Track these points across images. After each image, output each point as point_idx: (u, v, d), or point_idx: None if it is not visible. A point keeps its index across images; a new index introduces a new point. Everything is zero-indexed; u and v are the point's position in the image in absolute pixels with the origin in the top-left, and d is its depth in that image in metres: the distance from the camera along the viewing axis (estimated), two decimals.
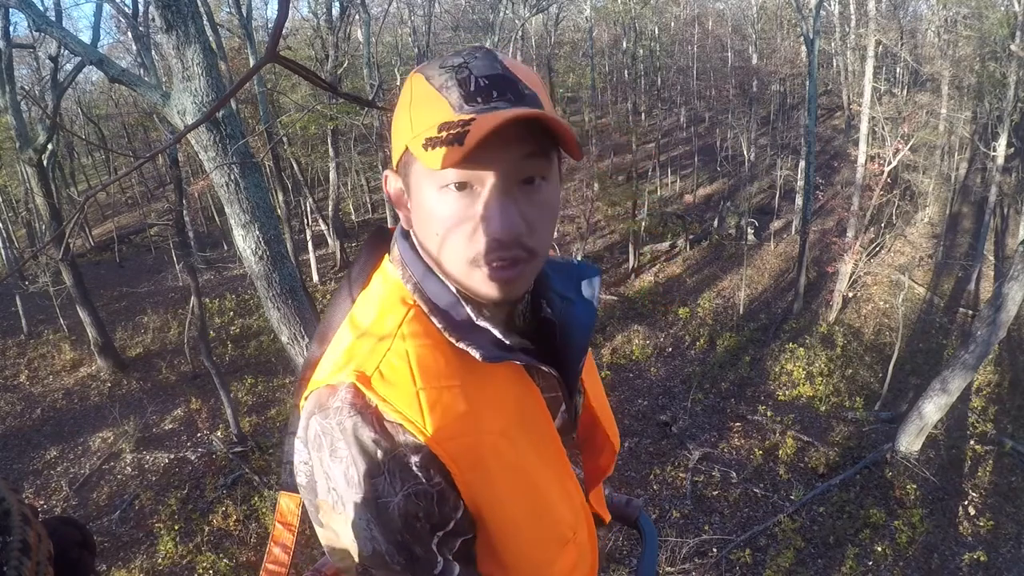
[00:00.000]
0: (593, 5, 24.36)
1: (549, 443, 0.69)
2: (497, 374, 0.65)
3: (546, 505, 0.66)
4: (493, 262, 0.60)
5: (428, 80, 0.60)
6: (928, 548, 7.82)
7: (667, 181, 23.19)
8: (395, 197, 0.68)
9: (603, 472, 0.85)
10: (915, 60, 20.05)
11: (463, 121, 0.55)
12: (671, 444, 9.98)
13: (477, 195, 0.59)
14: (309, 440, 0.61)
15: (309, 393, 0.63)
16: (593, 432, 0.83)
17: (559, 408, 0.73)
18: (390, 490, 0.57)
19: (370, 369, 0.60)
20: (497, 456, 0.62)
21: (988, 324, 7.64)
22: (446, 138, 0.55)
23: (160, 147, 0.70)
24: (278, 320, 3.67)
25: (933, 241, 17.59)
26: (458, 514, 0.61)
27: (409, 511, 0.58)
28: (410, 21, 20.02)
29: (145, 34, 8.97)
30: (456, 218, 0.59)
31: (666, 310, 14.56)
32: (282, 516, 0.79)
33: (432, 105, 0.59)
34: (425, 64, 0.63)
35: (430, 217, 0.61)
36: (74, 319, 12.78)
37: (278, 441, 9.92)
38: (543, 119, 0.56)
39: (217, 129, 3.29)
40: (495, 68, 0.60)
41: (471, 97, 0.58)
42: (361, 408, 0.58)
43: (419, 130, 0.59)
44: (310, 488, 0.63)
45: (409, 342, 0.62)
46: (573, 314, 0.74)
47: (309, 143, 18.74)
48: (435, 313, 0.65)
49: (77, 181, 26.33)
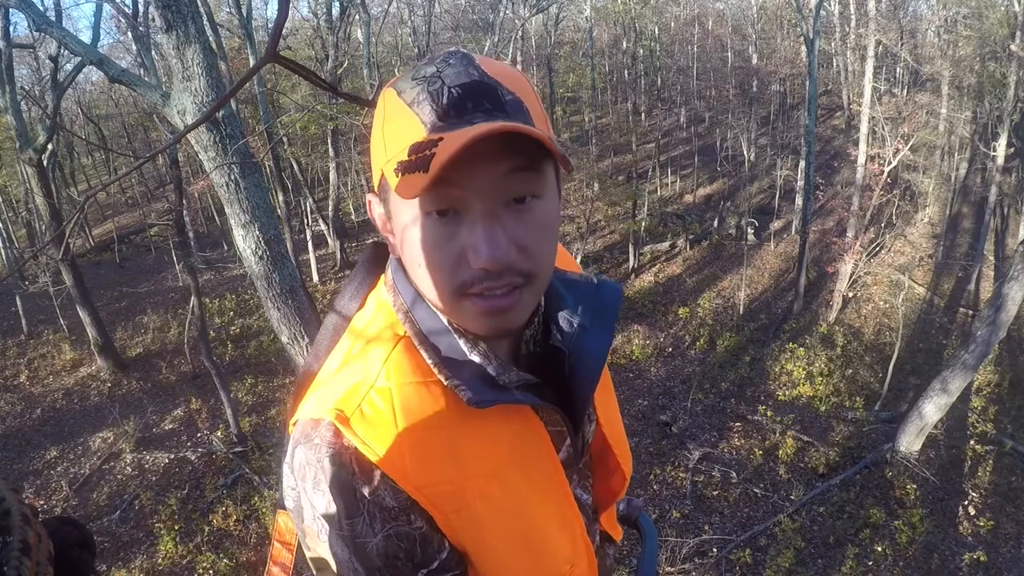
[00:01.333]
0: (593, 5, 24.35)
1: (550, 478, 0.66)
2: (491, 412, 0.60)
3: (541, 543, 0.63)
4: (483, 292, 0.55)
5: (399, 95, 0.56)
6: (928, 548, 7.82)
7: (667, 181, 23.19)
8: (379, 223, 0.63)
9: (614, 495, 0.81)
10: (915, 60, 20.05)
11: (431, 141, 0.50)
12: (671, 444, 9.98)
13: (460, 221, 0.53)
14: (295, 468, 0.59)
15: (296, 420, 0.61)
16: (604, 456, 0.79)
17: (564, 442, 0.69)
18: (368, 531, 0.55)
19: (350, 408, 0.56)
20: (485, 500, 0.59)
21: (988, 324, 7.64)
22: (413, 162, 0.50)
23: (160, 147, 0.70)
24: (278, 320, 3.67)
25: (933, 241, 17.59)
26: (443, 554, 0.58)
27: (389, 551, 0.56)
28: (410, 21, 20.03)
29: (145, 34, 8.96)
30: (439, 247, 0.54)
31: (666, 310, 14.56)
32: (281, 535, 0.77)
33: (403, 123, 0.54)
34: (399, 76, 0.58)
35: (411, 246, 0.56)
36: (74, 319, 12.78)
37: (278, 441, 9.90)
38: (514, 131, 0.49)
39: (217, 129, 3.29)
40: (471, 74, 0.54)
41: (444, 112, 0.53)
42: (339, 448, 0.55)
43: (392, 152, 0.54)
44: (297, 513, 0.61)
45: (394, 379, 0.59)
46: (585, 342, 0.68)
47: (309, 143, 18.74)
48: (425, 346, 0.61)
49: (77, 181, 26.32)
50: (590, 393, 0.68)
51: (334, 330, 0.70)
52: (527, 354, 0.67)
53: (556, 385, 0.68)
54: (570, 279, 0.73)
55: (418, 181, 0.49)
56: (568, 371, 0.68)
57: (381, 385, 0.58)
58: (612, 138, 21.07)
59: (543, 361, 0.68)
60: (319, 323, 0.76)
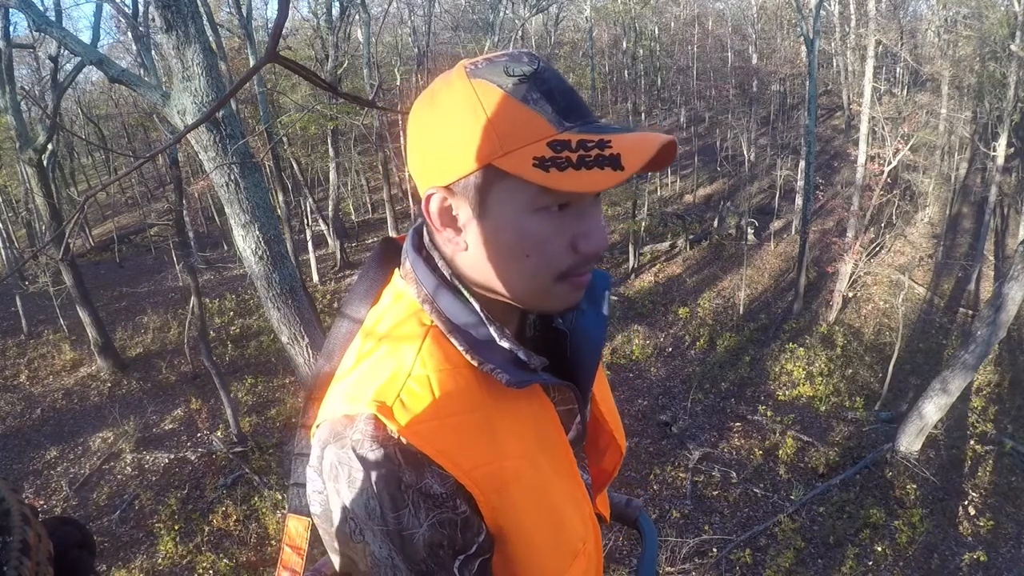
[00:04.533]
0: (593, 5, 24.37)
1: (563, 457, 0.69)
2: (517, 395, 0.63)
3: (561, 520, 0.66)
4: (583, 273, 0.61)
5: (501, 88, 0.56)
6: (928, 548, 7.82)
7: (667, 181, 23.19)
8: (441, 218, 0.62)
9: (609, 475, 0.84)
10: (915, 60, 20.06)
11: (602, 141, 0.54)
12: (671, 444, 9.98)
13: (574, 212, 0.59)
14: (324, 470, 0.59)
15: (322, 422, 0.61)
16: (597, 434, 0.81)
17: (573, 420, 0.72)
18: (415, 522, 0.56)
19: (390, 399, 0.57)
20: (519, 479, 0.61)
21: (988, 324, 7.64)
22: (594, 158, 0.53)
23: (160, 147, 0.70)
24: (278, 320, 3.67)
25: (933, 241, 17.60)
26: (480, 537, 0.59)
27: (434, 540, 0.56)
28: (410, 21, 20.01)
29: (145, 34, 8.97)
30: (554, 237, 0.58)
31: (666, 310, 14.56)
32: (291, 539, 0.76)
33: (523, 119, 0.56)
34: (475, 67, 0.58)
35: (519, 238, 0.58)
36: (74, 319, 12.78)
37: (278, 441, 9.93)
38: (670, 145, 0.56)
39: (217, 129, 3.29)
40: (561, 78, 0.59)
41: (564, 112, 0.57)
42: (383, 441, 0.56)
43: (511, 146, 0.55)
44: (325, 517, 0.61)
45: (430, 367, 0.60)
46: (583, 323, 0.72)
47: (309, 143, 18.74)
48: (454, 333, 0.62)
49: (77, 181, 26.33)
50: (593, 369, 0.72)
51: (347, 330, 0.70)
52: (530, 337, 0.72)
53: (558, 366, 0.71)
54: None
55: (609, 177, 0.53)
56: (571, 351, 0.72)
57: (418, 373, 0.59)
58: None
59: (542, 344, 0.72)
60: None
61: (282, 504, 8.26)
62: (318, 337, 3.69)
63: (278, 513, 8.26)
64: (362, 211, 22.89)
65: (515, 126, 0.55)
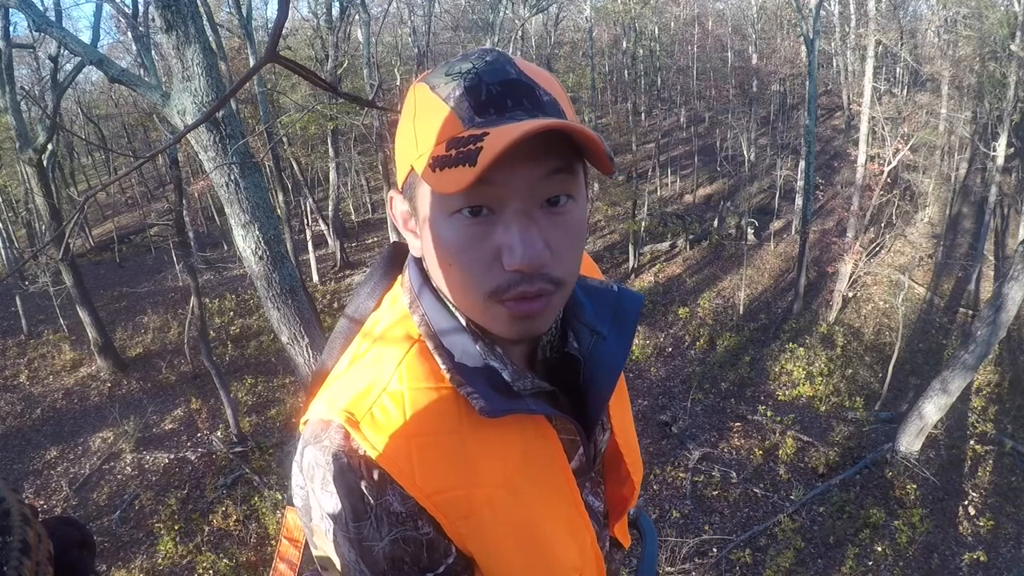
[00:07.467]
0: (593, 5, 24.34)
1: (561, 486, 0.65)
2: (505, 420, 0.58)
3: (549, 550, 0.62)
4: (515, 297, 0.54)
5: (433, 89, 0.54)
6: (928, 548, 7.82)
7: (667, 181, 23.19)
8: (401, 221, 0.62)
9: (626, 502, 0.81)
10: (915, 60, 20.06)
11: (474, 136, 0.49)
12: (671, 444, 9.98)
13: (494, 220, 0.52)
14: (304, 468, 0.59)
15: (307, 420, 0.61)
16: (617, 464, 0.79)
17: (577, 451, 0.68)
18: (375, 535, 0.55)
19: (361, 412, 0.56)
20: (492, 508, 0.58)
21: (988, 324, 7.64)
22: (455, 156, 0.49)
23: (160, 147, 0.70)
24: (278, 320, 3.67)
25: (933, 241, 17.59)
26: (449, 559, 0.58)
27: (396, 555, 0.55)
28: (410, 21, 20.01)
29: (145, 34, 8.97)
30: (470, 247, 0.53)
31: (666, 310, 14.56)
32: (289, 532, 0.77)
33: (438, 118, 0.53)
34: (429, 71, 0.57)
35: (440, 246, 0.54)
36: (74, 319, 12.78)
37: (278, 441, 9.93)
38: (568, 130, 0.49)
39: (217, 129, 3.28)
40: (508, 73, 0.54)
41: (482, 108, 0.52)
42: (349, 452, 0.55)
43: (424, 147, 0.53)
44: (305, 511, 0.61)
45: (407, 383, 0.58)
46: (602, 351, 0.66)
47: (309, 143, 18.74)
48: (439, 350, 0.60)
49: (77, 181, 26.32)
50: (604, 403, 0.67)
51: (348, 329, 0.70)
52: (543, 360, 0.66)
53: (571, 392, 0.67)
54: (591, 286, 0.72)
55: (463, 175, 0.47)
56: (584, 379, 0.67)
57: (394, 389, 0.57)
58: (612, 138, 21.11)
59: (559, 368, 0.67)
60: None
61: (282, 504, 8.25)
62: (318, 337, 3.69)
63: (278, 513, 8.25)
64: (362, 211, 22.90)
65: (428, 125, 0.53)
